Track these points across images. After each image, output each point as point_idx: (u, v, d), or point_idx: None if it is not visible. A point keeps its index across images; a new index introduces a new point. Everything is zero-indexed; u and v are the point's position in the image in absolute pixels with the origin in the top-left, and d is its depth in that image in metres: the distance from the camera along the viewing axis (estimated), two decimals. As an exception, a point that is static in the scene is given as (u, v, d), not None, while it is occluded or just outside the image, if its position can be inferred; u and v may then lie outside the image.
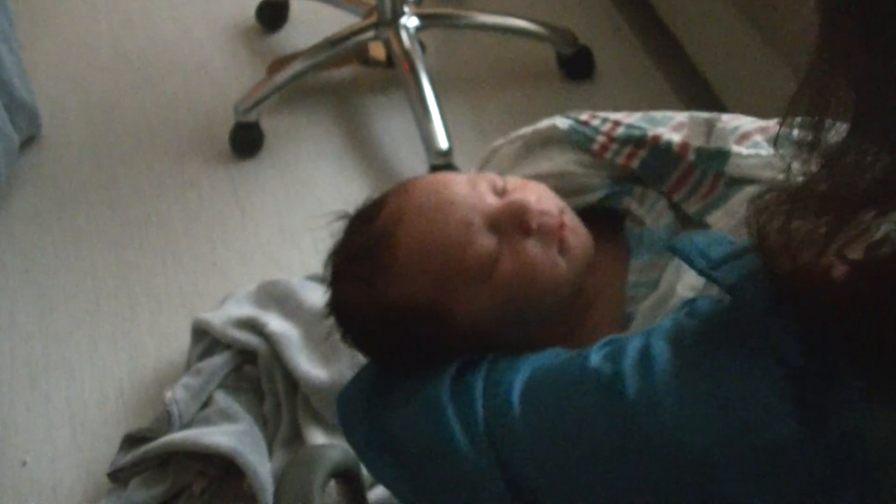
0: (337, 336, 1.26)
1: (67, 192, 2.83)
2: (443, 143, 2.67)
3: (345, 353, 2.12)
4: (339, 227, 1.28)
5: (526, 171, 1.32)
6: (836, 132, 0.77)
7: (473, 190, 1.19)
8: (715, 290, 1.10)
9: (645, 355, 0.91)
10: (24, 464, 2.22)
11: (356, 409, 1.16)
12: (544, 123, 1.37)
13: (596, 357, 0.95)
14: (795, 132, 0.81)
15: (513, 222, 1.16)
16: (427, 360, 1.13)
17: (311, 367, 2.15)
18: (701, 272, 0.95)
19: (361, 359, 2.09)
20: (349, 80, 3.09)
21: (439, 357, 1.12)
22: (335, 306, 1.25)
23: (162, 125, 3.00)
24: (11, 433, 2.28)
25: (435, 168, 2.67)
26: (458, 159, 2.68)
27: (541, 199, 1.19)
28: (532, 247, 1.16)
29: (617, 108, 1.42)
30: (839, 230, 0.78)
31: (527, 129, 1.38)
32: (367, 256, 1.18)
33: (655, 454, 0.86)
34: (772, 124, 1.26)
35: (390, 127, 2.94)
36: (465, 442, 0.99)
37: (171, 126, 3.00)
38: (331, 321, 1.27)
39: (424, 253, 1.15)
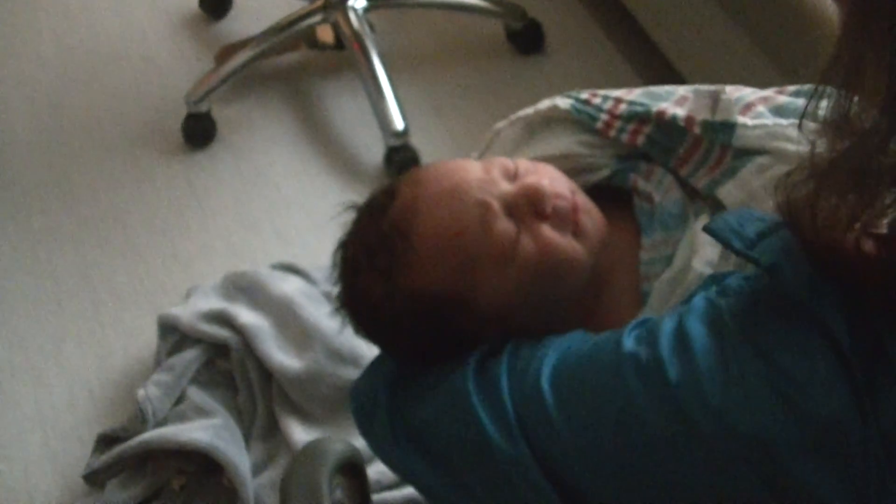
0: (310, 326, 1.22)
1: (20, 193, 2.79)
2: (398, 123, 2.66)
3: (318, 341, 2.11)
4: (343, 215, 1.25)
5: (531, 154, 1.31)
6: (864, 109, 0.76)
7: (487, 175, 1.18)
8: (731, 263, 1.10)
9: (682, 338, 0.90)
10: (-2, 472, 2.19)
11: (375, 401, 1.14)
12: (544, 104, 1.35)
13: (629, 341, 0.94)
14: (822, 108, 0.80)
15: (528, 206, 1.15)
16: (448, 349, 1.11)
17: (284, 357, 2.13)
18: (739, 253, 0.94)
19: (336, 346, 2.10)
20: (299, 65, 3.06)
21: (461, 345, 1.10)
22: (350, 299, 1.23)
23: (112, 120, 2.96)
24: (-18, 441, 2.25)
25: (392, 150, 2.66)
26: (414, 139, 2.67)
27: (553, 181, 1.18)
28: (549, 230, 1.14)
29: (569, 80, 1.43)
30: (866, 207, 0.78)
31: (527, 110, 1.37)
32: (385, 247, 1.16)
33: (707, 438, 0.85)
34: (771, 93, 1.25)
35: (344, 110, 2.92)
36: (496, 433, 0.98)
37: (121, 120, 2.96)
38: (337, 314, 1.25)
39: (444, 241, 1.14)
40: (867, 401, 0.80)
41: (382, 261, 1.16)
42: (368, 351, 1.24)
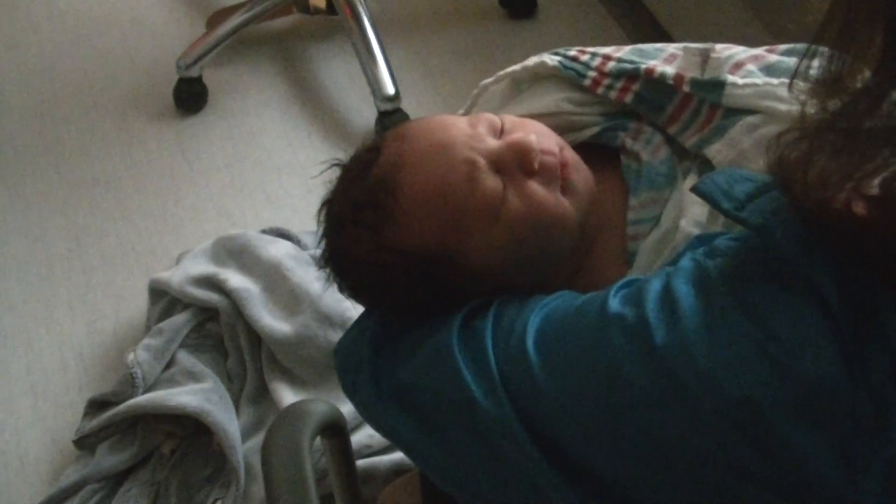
0: (300, 290, 1.20)
1: (11, 158, 2.78)
2: (390, 88, 2.65)
3: (307, 305, 2.11)
4: (330, 176, 1.23)
5: (517, 111, 1.29)
6: (857, 69, 0.76)
7: (473, 130, 1.15)
8: (720, 224, 1.09)
9: (668, 299, 0.89)
10: (-11, 437, 2.20)
11: (359, 360, 1.13)
12: (532, 60, 1.34)
13: (614, 301, 0.93)
14: (814, 67, 0.79)
15: (516, 162, 1.13)
16: (433, 307, 1.10)
17: (273, 321, 2.13)
18: (728, 214, 0.92)
19: (326, 309, 2.10)
20: (291, 30, 3.05)
21: (447, 302, 1.09)
22: (335, 256, 1.21)
23: (103, 84, 2.95)
24: (-27, 406, 2.25)
25: (383, 114, 2.65)
26: (405, 103, 2.66)
27: (541, 137, 1.15)
28: (536, 186, 1.12)
29: (561, 44, 1.40)
30: (857, 168, 0.77)
31: (515, 67, 1.35)
32: (371, 204, 1.14)
33: (693, 400, 0.84)
34: (762, 52, 1.24)
35: (335, 74, 2.91)
36: (480, 392, 0.96)
37: (113, 84, 2.95)
38: (320, 270, 1.24)
39: (431, 196, 1.12)
40: (856, 362, 0.79)
41: (368, 216, 1.14)
42: (357, 314, 1.23)
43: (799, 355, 0.81)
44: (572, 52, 1.32)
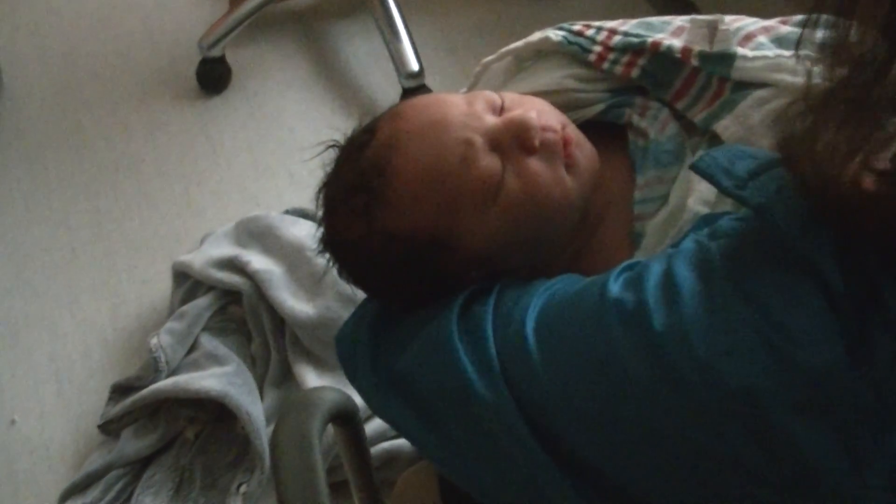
0: (323, 271, 1.19)
1: (33, 143, 2.77)
2: (413, 64, 2.62)
3: (330, 287, 2.09)
4: (329, 157, 1.21)
5: (521, 88, 1.26)
6: (863, 34, 0.73)
7: (470, 109, 1.13)
8: (730, 204, 1.06)
9: (668, 282, 0.86)
10: (13, 423, 2.19)
11: (358, 348, 1.11)
12: (535, 36, 1.31)
13: (615, 285, 0.90)
14: (819, 35, 0.76)
15: (515, 140, 1.10)
16: (431, 293, 1.08)
17: (296, 303, 2.12)
18: (727, 192, 0.89)
19: (348, 291, 2.07)
20: (313, 8, 3.02)
21: (444, 288, 1.07)
22: (330, 240, 1.19)
23: (124, 67, 2.94)
24: (-3, 393, 2.25)
25: (407, 91, 2.63)
26: (429, 80, 2.63)
27: (542, 114, 1.13)
28: (537, 165, 1.10)
29: (586, 18, 1.37)
30: (865, 140, 0.74)
31: (518, 43, 1.32)
32: (363, 186, 1.12)
33: (690, 387, 0.81)
34: (774, 23, 1.21)
35: (358, 51, 2.89)
36: (478, 380, 0.94)
37: (134, 67, 2.94)
38: (319, 256, 1.22)
39: (424, 178, 1.09)
40: (859, 350, 0.76)
41: (359, 199, 1.12)
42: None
43: (800, 343, 0.78)
44: (577, 27, 1.29)
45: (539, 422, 0.91)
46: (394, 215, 1.10)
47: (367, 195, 1.12)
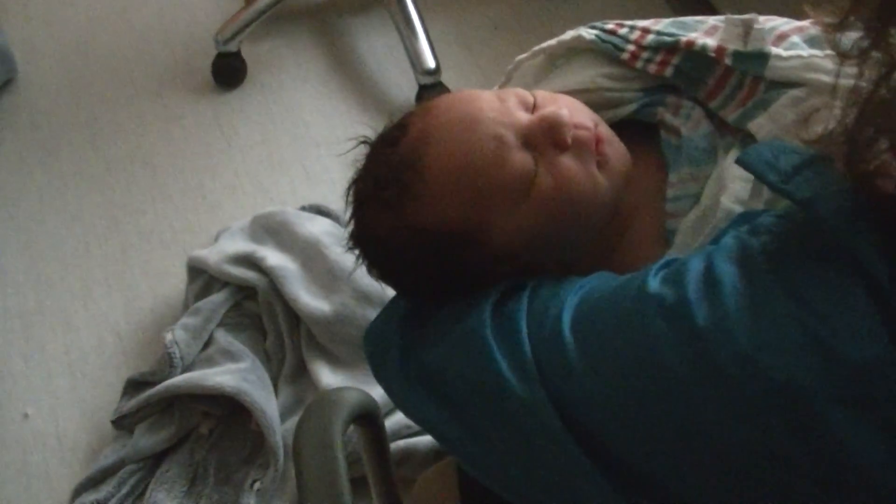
0: (338, 268, 1.18)
1: (48, 135, 2.76)
2: (430, 61, 2.62)
3: (346, 283, 2.09)
4: (354, 154, 1.21)
5: (553, 86, 1.26)
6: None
7: (502, 105, 1.12)
8: (763, 201, 1.05)
9: (710, 278, 0.86)
10: (26, 416, 2.18)
11: (388, 344, 1.11)
12: (568, 34, 1.30)
13: (654, 281, 0.90)
14: (854, 36, 0.76)
15: (547, 137, 1.10)
16: (461, 289, 1.08)
17: (312, 299, 2.11)
18: (773, 187, 0.89)
19: (364, 288, 2.07)
20: (329, 3, 3.02)
21: (474, 284, 1.07)
22: (361, 236, 1.19)
23: (139, 59, 2.93)
24: (10, 386, 2.24)
25: (424, 88, 2.62)
26: (445, 77, 2.63)
27: (574, 111, 1.13)
28: (569, 162, 1.10)
29: (604, 16, 1.37)
30: None
31: (550, 42, 1.32)
32: (394, 181, 1.12)
33: (733, 383, 0.81)
34: (807, 23, 1.20)
35: (374, 47, 2.88)
36: (513, 377, 0.94)
37: (149, 60, 2.93)
38: (347, 253, 1.21)
39: (456, 173, 1.09)
40: None
41: (390, 193, 1.12)
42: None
43: (845, 338, 0.78)
44: (609, 26, 1.29)
45: (574, 418, 0.91)
46: (425, 209, 1.10)
47: (398, 189, 1.11)
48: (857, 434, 0.78)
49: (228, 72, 2.83)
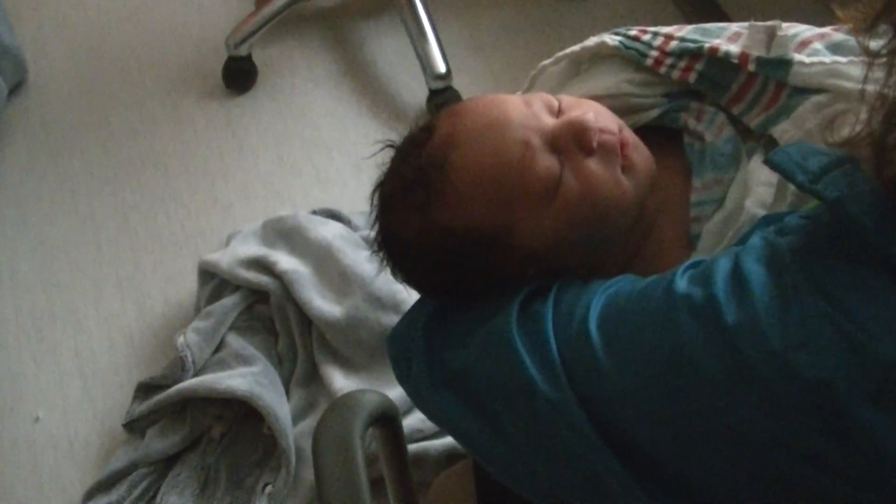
0: (350, 272, 1.18)
1: (59, 136, 2.77)
2: (440, 66, 2.62)
3: (358, 287, 2.09)
4: (382, 157, 1.21)
5: (578, 91, 1.27)
6: None
7: (528, 109, 1.13)
8: (786, 204, 1.06)
9: (738, 278, 0.86)
10: (38, 419, 2.19)
11: (412, 346, 1.11)
12: (592, 40, 1.31)
13: (682, 281, 0.91)
14: (881, 42, 0.76)
15: (573, 141, 1.10)
16: (487, 290, 1.08)
17: (324, 303, 2.11)
18: (802, 187, 0.90)
19: (377, 291, 2.07)
20: (340, 7, 3.01)
21: (500, 286, 1.08)
22: (387, 238, 1.20)
23: (151, 62, 2.93)
24: (22, 388, 2.24)
25: (434, 93, 2.62)
26: (456, 81, 2.63)
27: (599, 116, 1.13)
28: (595, 166, 1.10)
29: (613, 20, 1.39)
30: None
31: (574, 48, 1.33)
32: (421, 183, 1.13)
33: (764, 380, 0.82)
34: (828, 30, 1.21)
35: (385, 51, 2.88)
36: (539, 376, 0.95)
37: (161, 62, 2.93)
38: (373, 255, 1.22)
39: (482, 175, 1.10)
40: None
41: (418, 195, 1.13)
42: (409, 296, 1.22)
43: (877, 336, 0.79)
44: (633, 32, 1.30)
45: (602, 416, 0.91)
46: (451, 211, 1.11)
47: (425, 190, 1.12)
48: (891, 430, 0.78)
49: (239, 76, 2.83)
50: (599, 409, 0.91)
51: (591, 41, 1.31)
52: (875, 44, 0.80)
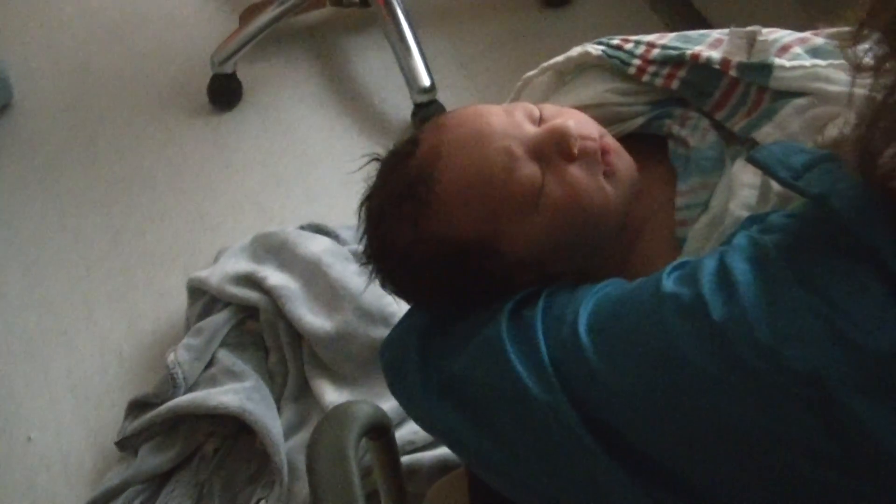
0: (340, 287, 1.19)
1: (47, 157, 2.77)
2: (425, 79, 2.63)
3: (348, 302, 2.09)
4: (368, 171, 1.22)
5: (563, 102, 1.28)
6: None
7: (510, 119, 1.15)
8: (770, 206, 1.07)
9: (724, 276, 0.87)
10: (30, 439, 2.19)
11: (406, 355, 1.12)
12: (575, 51, 1.33)
13: (668, 281, 0.92)
14: (867, 47, 0.78)
15: (554, 148, 1.12)
16: (477, 299, 1.09)
17: (314, 318, 2.12)
18: (785, 183, 0.91)
19: (367, 305, 2.08)
20: (324, 23, 3.03)
21: (490, 294, 1.08)
22: (377, 250, 1.21)
23: (136, 81, 2.94)
24: (14, 408, 2.25)
25: (419, 106, 2.63)
26: (441, 95, 2.64)
27: (580, 123, 1.15)
28: (576, 172, 1.12)
29: (597, 32, 1.39)
30: None
31: (558, 58, 1.34)
32: (409, 194, 1.14)
33: (755, 376, 0.82)
34: (808, 35, 1.22)
35: (369, 66, 2.90)
36: (531, 381, 0.95)
37: (146, 81, 2.94)
38: (363, 268, 1.23)
39: (468, 186, 1.11)
40: None
41: (408, 207, 1.14)
42: (398, 309, 1.22)
43: (865, 328, 0.79)
44: (616, 41, 1.31)
45: (595, 418, 0.92)
46: (441, 222, 1.12)
47: (414, 202, 1.13)
48: (882, 421, 0.79)
49: (224, 93, 2.84)
50: (593, 410, 0.92)
51: (575, 51, 1.32)
52: (861, 48, 0.81)
